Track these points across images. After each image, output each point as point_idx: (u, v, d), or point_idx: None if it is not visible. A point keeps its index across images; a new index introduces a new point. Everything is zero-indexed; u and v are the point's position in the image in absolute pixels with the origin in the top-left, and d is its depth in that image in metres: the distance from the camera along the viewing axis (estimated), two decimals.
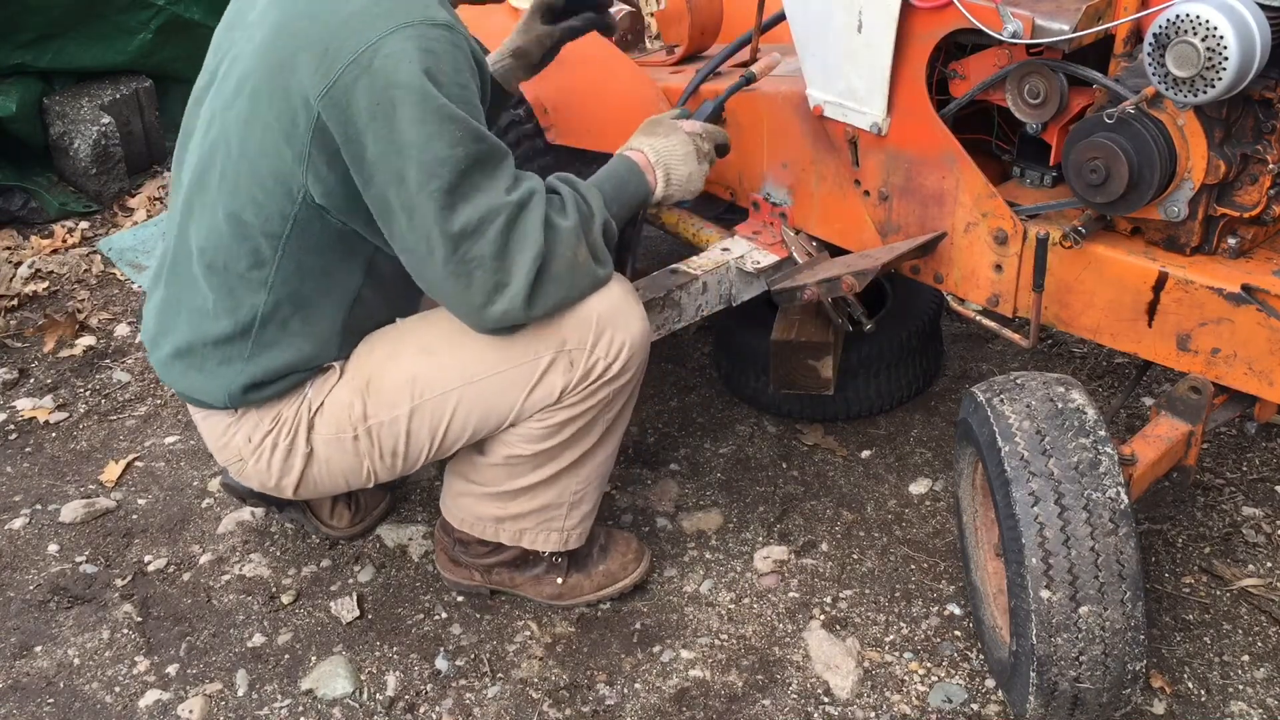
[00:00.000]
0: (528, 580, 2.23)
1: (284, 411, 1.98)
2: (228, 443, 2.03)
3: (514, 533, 2.14)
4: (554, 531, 2.14)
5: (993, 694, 2.05)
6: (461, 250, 1.75)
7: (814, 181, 2.35)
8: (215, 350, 1.94)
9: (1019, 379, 1.87)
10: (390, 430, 1.98)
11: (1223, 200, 1.87)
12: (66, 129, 3.79)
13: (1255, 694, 2.03)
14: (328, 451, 2.00)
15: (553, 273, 1.81)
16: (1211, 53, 1.64)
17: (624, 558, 2.26)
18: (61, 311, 3.28)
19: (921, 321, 2.70)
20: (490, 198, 1.75)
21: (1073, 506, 1.69)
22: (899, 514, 2.46)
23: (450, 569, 2.27)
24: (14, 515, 2.57)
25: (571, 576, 2.23)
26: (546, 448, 2.01)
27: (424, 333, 1.98)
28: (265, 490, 2.10)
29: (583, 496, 2.12)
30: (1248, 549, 2.33)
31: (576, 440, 2.02)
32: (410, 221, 1.75)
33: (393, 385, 1.95)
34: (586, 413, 1.98)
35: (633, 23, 2.91)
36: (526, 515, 2.12)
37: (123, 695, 2.14)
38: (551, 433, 1.99)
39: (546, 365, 1.91)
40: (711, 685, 2.10)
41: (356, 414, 1.97)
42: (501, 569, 2.22)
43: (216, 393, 1.96)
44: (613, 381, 1.97)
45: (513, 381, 1.93)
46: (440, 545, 2.27)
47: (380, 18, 1.72)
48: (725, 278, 2.43)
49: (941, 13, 1.95)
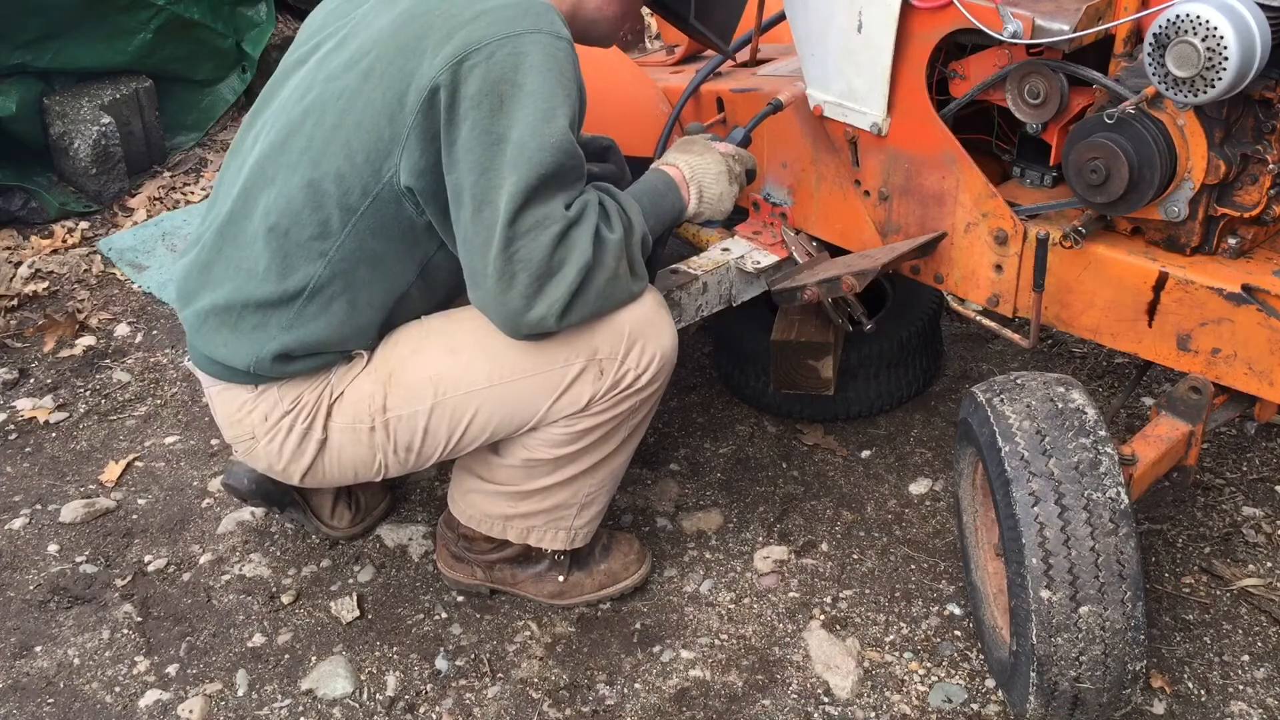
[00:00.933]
0: (529, 578, 2.23)
1: (305, 395, 1.98)
2: (243, 419, 2.01)
3: (521, 530, 2.14)
4: (561, 530, 2.14)
5: (993, 694, 2.05)
6: (513, 249, 1.76)
7: (814, 181, 2.35)
8: (254, 313, 1.92)
9: (1019, 379, 1.87)
10: (408, 425, 1.97)
11: (1223, 200, 1.87)
12: (66, 129, 3.79)
13: (1255, 694, 2.03)
14: (342, 440, 2.00)
15: (595, 285, 1.82)
16: (1211, 53, 1.64)
17: (626, 558, 2.26)
18: (61, 311, 3.28)
19: (921, 321, 2.70)
20: (554, 208, 1.78)
21: (1073, 506, 1.69)
22: (899, 514, 2.46)
23: (451, 566, 2.27)
24: (14, 515, 2.57)
25: (573, 575, 2.23)
26: (567, 452, 2.02)
27: (452, 330, 1.98)
28: (272, 473, 2.09)
29: (594, 498, 2.13)
30: (1248, 549, 2.33)
31: (598, 446, 2.03)
32: (478, 213, 1.77)
33: (416, 380, 1.95)
34: (611, 420, 1.99)
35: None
36: (536, 514, 2.12)
37: (123, 695, 2.14)
38: (574, 439, 2.00)
39: (576, 373, 1.92)
40: (711, 685, 2.10)
41: (376, 405, 1.97)
42: (504, 565, 2.22)
43: (244, 356, 1.93)
44: (640, 392, 1.98)
45: (540, 387, 1.93)
46: (442, 541, 2.27)
47: (515, 19, 1.77)
48: (725, 278, 2.43)
49: (941, 13, 1.95)
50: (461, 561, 2.26)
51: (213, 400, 2.08)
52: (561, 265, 1.79)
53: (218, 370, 2.00)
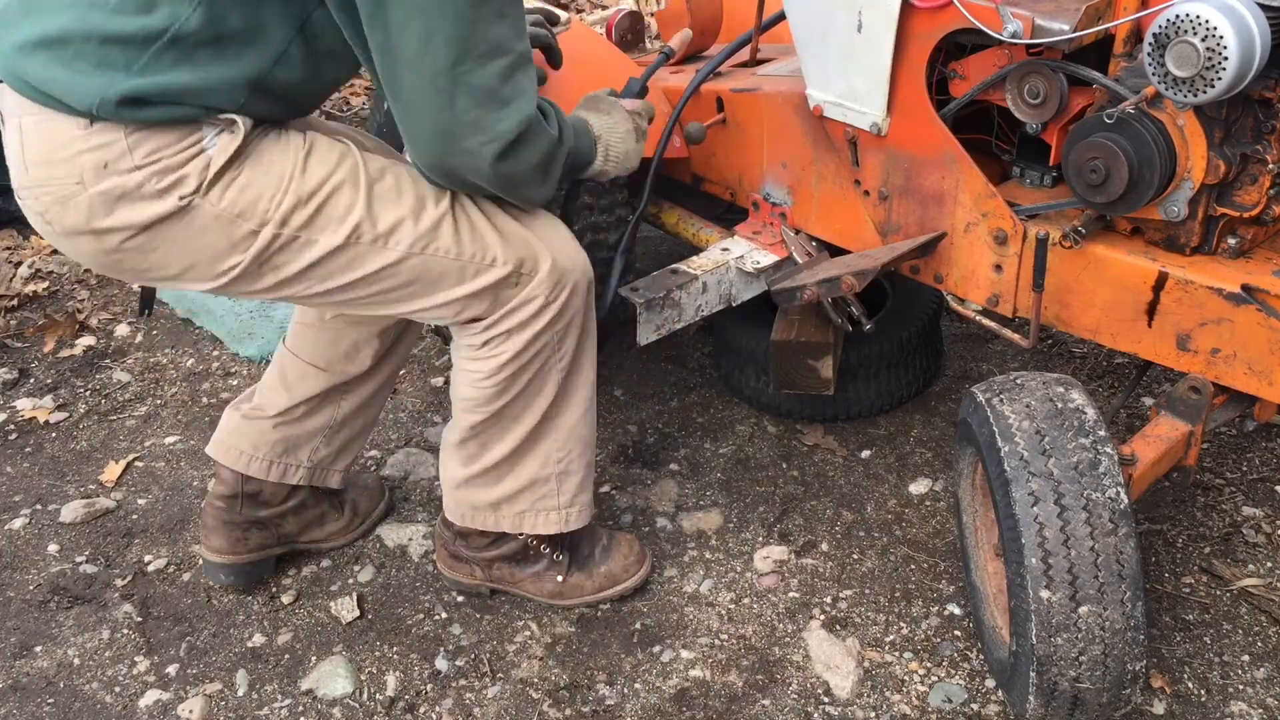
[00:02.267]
0: (528, 577, 2.23)
1: (165, 155, 1.72)
2: (71, 159, 1.71)
3: (513, 518, 2.14)
4: (551, 511, 2.13)
5: (993, 694, 2.05)
6: (461, 69, 1.64)
7: (814, 181, 2.35)
8: (98, 49, 1.66)
9: (1019, 379, 1.87)
10: (298, 250, 1.81)
11: (1223, 200, 1.87)
12: None
13: (1255, 694, 2.03)
14: (205, 223, 1.76)
15: (532, 149, 1.75)
16: (1211, 53, 1.64)
17: (626, 559, 2.26)
18: (61, 311, 3.28)
19: (921, 321, 2.70)
20: (509, 36, 1.67)
21: (1072, 506, 1.69)
22: (899, 514, 2.47)
23: (451, 566, 2.27)
24: (14, 515, 2.57)
25: (573, 575, 2.23)
26: (503, 404, 1.99)
27: (393, 180, 1.86)
28: (80, 232, 1.77)
29: (568, 466, 2.10)
30: (1248, 549, 2.33)
31: (531, 393, 2.00)
32: (409, 20, 1.61)
33: (335, 212, 1.80)
34: (529, 353, 1.95)
35: (633, 23, 2.91)
36: (519, 495, 2.11)
37: (123, 695, 2.14)
38: (500, 386, 1.97)
39: (495, 275, 1.88)
40: (711, 685, 2.10)
41: (277, 212, 1.77)
42: (502, 564, 2.22)
43: (81, 96, 1.67)
44: (550, 314, 1.93)
45: (456, 271, 1.86)
46: (441, 541, 2.27)
47: None
48: (725, 278, 2.43)
49: (941, 13, 1.95)
50: (461, 561, 2.25)
51: (24, 130, 1.74)
52: (509, 102, 1.69)
53: (40, 97, 1.71)
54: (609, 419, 2.77)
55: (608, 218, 2.48)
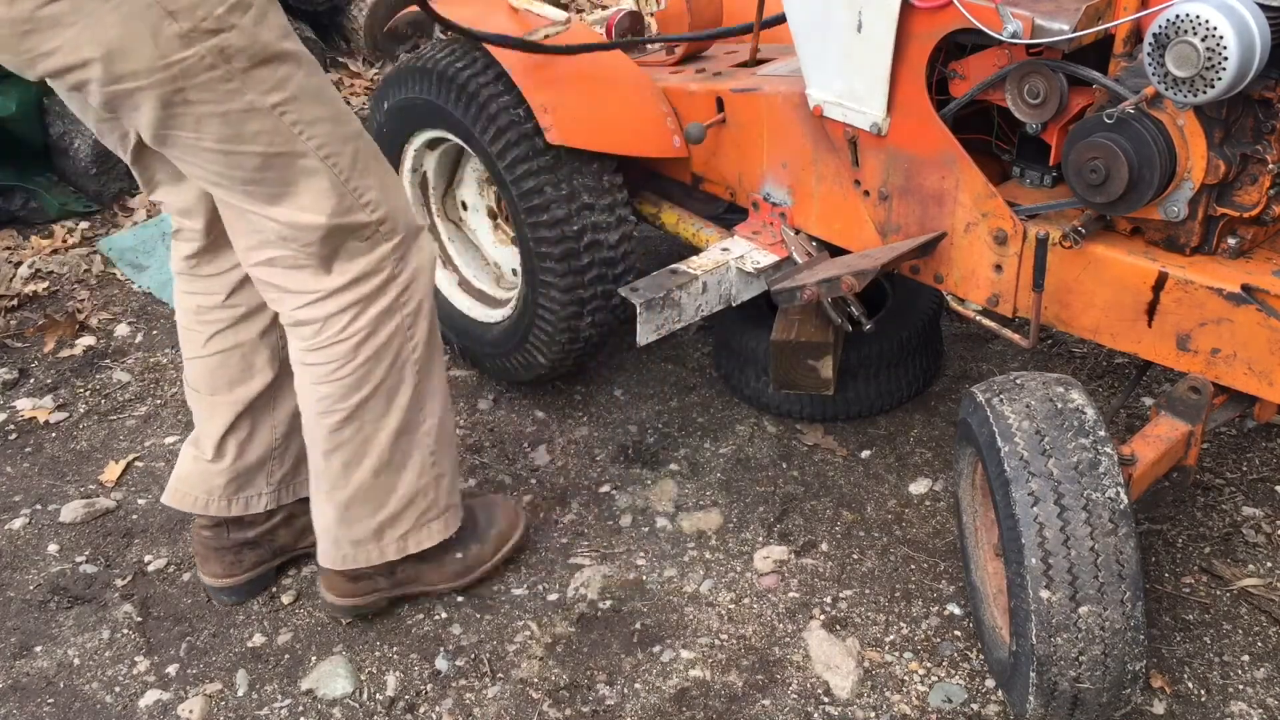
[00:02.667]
0: (431, 569, 2.21)
1: None
2: None
3: (397, 543, 2.09)
4: (433, 522, 2.11)
5: (993, 694, 2.05)
6: None
7: (814, 181, 2.35)
8: None
9: (1019, 379, 1.87)
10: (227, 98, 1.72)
11: (1223, 200, 1.87)
12: (66, 129, 3.79)
13: (1255, 694, 2.03)
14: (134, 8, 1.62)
15: None
16: (1211, 53, 1.64)
17: (507, 515, 2.31)
18: (61, 311, 3.28)
19: (921, 321, 2.70)
20: None
21: (1072, 506, 1.69)
22: (899, 514, 2.47)
23: (348, 592, 2.17)
24: (14, 515, 2.57)
25: (471, 549, 2.24)
26: (362, 398, 1.93)
27: (323, 83, 1.84)
28: None
29: (441, 468, 2.08)
30: (1248, 549, 2.33)
31: (390, 389, 1.95)
32: None
33: (277, 76, 1.74)
34: (380, 337, 1.91)
35: (633, 23, 2.91)
36: (401, 515, 2.07)
37: (123, 695, 2.14)
38: (356, 378, 1.91)
39: (359, 218, 1.85)
40: (711, 685, 2.10)
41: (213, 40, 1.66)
42: (404, 565, 2.17)
43: None
44: (396, 289, 1.90)
45: (335, 191, 1.82)
46: (329, 587, 2.17)
47: None
48: (725, 278, 2.43)
49: (941, 13, 1.95)
50: (360, 580, 2.16)
51: None
52: None
53: None
54: (609, 419, 2.77)
55: (608, 218, 2.48)
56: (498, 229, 2.86)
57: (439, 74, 2.50)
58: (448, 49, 2.53)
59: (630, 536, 2.43)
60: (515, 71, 2.40)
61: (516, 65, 2.41)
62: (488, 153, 2.45)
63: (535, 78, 2.40)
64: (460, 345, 2.88)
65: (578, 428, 2.75)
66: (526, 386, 2.85)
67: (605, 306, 2.55)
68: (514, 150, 2.41)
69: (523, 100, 2.41)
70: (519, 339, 2.64)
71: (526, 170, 2.41)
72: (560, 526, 2.47)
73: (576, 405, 2.82)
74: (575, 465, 2.64)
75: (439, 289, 2.88)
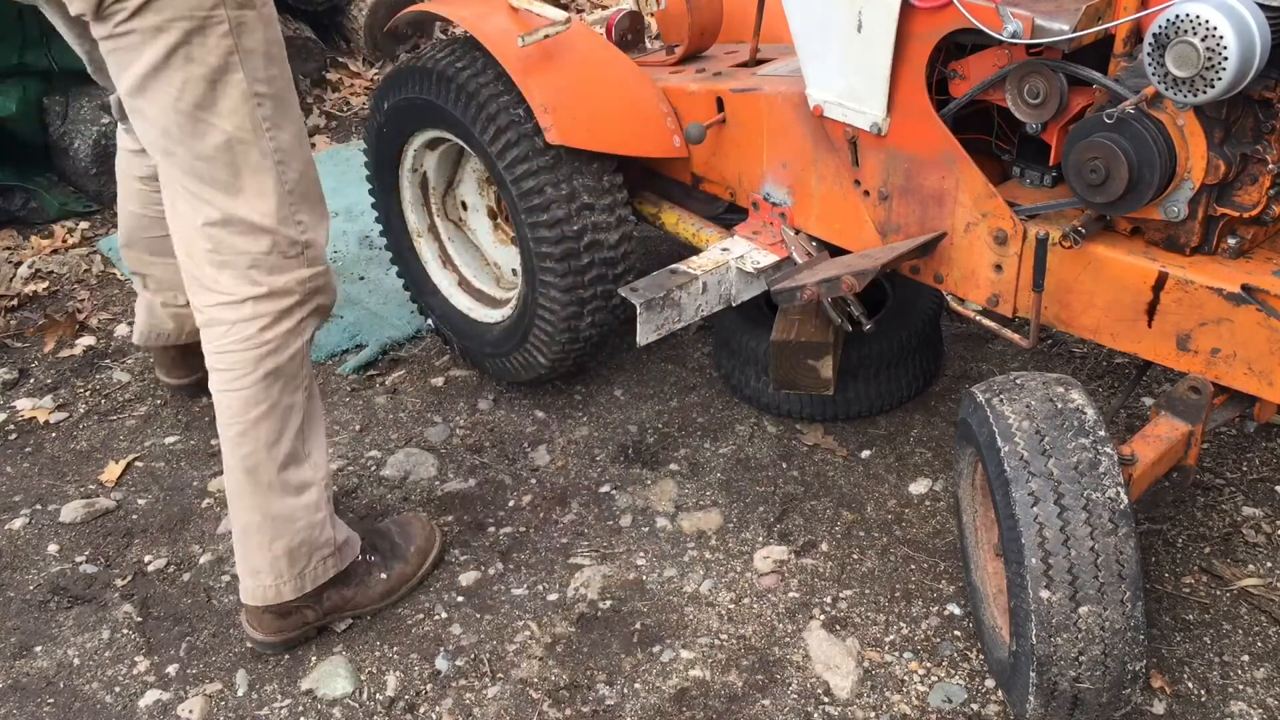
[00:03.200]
0: (356, 592, 2.22)
1: None
2: None
3: (296, 582, 2.11)
4: (329, 557, 2.14)
5: (993, 694, 2.05)
6: None
7: (814, 181, 2.35)
8: None
9: (1019, 379, 1.88)
10: (223, 74, 1.83)
11: (1223, 200, 1.87)
12: (66, 129, 3.79)
13: (1255, 694, 2.03)
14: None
15: None
16: (1211, 53, 1.64)
17: (422, 529, 2.35)
18: (61, 311, 3.28)
19: (921, 321, 2.70)
20: None
21: (1072, 506, 1.69)
22: (899, 514, 2.47)
23: (277, 629, 2.16)
24: (14, 515, 2.57)
25: (393, 567, 2.27)
26: (257, 414, 1.99)
27: (294, 110, 1.96)
28: None
29: (330, 511, 2.12)
30: (1248, 549, 2.33)
31: (281, 412, 2.01)
32: None
33: (261, 72, 1.86)
34: (285, 353, 1.98)
35: (633, 23, 2.91)
36: (298, 550, 2.09)
37: (123, 695, 2.14)
38: (253, 396, 1.97)
39: (291, 234, 1.94)
40: (711, 685, 2.10)
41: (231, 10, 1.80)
42: (331, 590, 2.18)
43: None
44: (300, 315, 1.98)
45: (278, 201, 1.91)
46: (257, 625, 2.17)
47: None
48: (725, 278, 2.43)
49: (941, 13, 1.95)
50: (287, 615, 2.16)
51: None
52: None
53: None
54: (609, 419, 2.77)
55: (608, 218, 2.48)
56: (498, 229, 2.86)
57: (439, 74, 2.50)
58: (448, 49, 2.54)
59: (630, 536, 2.43)
60: (515, 71, 2.40)
61: (516, 65, 2.41)
62: (488, 153, 2.45)
63: (535, 78, 2.40)
64: (460, 345, 2.88)
65: (578, 428, 2.75)
66: (526, 386, 2.85)
67: (605, 306, 2.55)
68: (514, 150, 2.41)
69: (523, 100, 2.41)
70: (519, 339, 2.64)
71: (526, 170, 2.41)
72: (560, 526, 2.47)
73: (576, 405, 2.82)
74: (575, 465, 2.64)
75: (440, 288, 2.88)
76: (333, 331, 3.10)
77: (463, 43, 2.53)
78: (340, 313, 3.18)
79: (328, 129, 4.46)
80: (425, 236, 2.89)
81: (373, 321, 3.15)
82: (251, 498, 2.05)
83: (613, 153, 2.47)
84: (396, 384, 2.93)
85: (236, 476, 2.05)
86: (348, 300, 3.24)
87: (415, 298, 2.99)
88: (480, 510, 2.52)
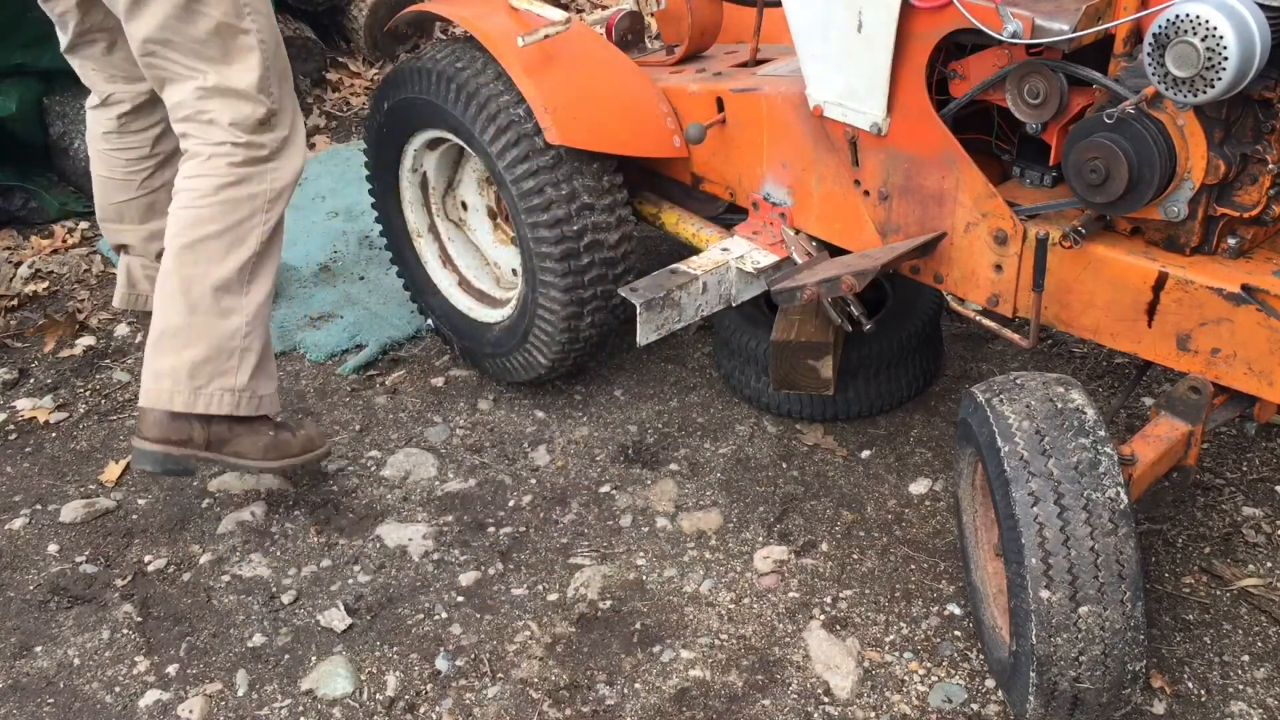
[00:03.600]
0: (245, 432, 2.35)
1: None
2: None
3: (190, 393, 2.26)
4: (226, 392, 2.29)
5: (993, 694, 2.05)
6: None
7: (814, 181, 2.35)
8: None
9: (1019, 379, 1.88)
10: None
11: (1223, 200, 1.87)
12: (66, 129, 3.79)
13: (1255, 694, 2.03)
14: None
15: None
16: (1211, 53, 1.64)
17: (317, 432, 2.50)
18: (61, 311, 3.28)
19: (921, 321, 2.70)
20: None
21: (1072, 506, 1.69)
22: (899, 514, 2.47)
23: (165, 430, 2.29)
24: (14, 515, 2.57)
25: (280, 432, 2.41)
26: (210, 231, 2.24)
27: None
28: None
29: (250, 343, 2.30)
30: (1248, 549, 2.33)
31: (235, 238, 2.26)
32: None
33: None
34: (244, 189, 2.27)
35: (633, 23, 2.91)
36: (203, 364, 2.25)
37: (123, 695, 2.14)
38: (212, 210, 2.24)
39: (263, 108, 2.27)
40: (711, 685, 2.10)
41: None
42: (219, 421, 2.32)
43: None
44: (268, 168, 2.30)
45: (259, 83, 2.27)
46: (145, 428, 2.30)
47: None
48: (725, 278, 2.43)
49: (941, 13, 1.95)
50: (178, 420, 2.29)
51: None
52: None
53: None
54: (609, 419, 2.77)
55: (608, 218, 2.48)
56: (498, 229, 2.86)
57: (439, 74, 2.50)
58: (448, 49, 2.54)
59: (630, 536, 2.43)
60: (515, 71, 2.40)
61: (516, 65, 2.41)
62: (488, 153, 2.45)
63: (535, 78, 2.40)
64: (460, 345, 2.88)
65: (578, 428, 2.75)
66: (526, 386, 2.85)
67: (605, 306, 2.55)
68: (514, 150, 2.41)
69: (523, 100, 2.41)
70: (519, 339, 2.64)
71: (526, 170, 2.41)
72: (560, 526, 2.47)
73: (576, 405, 2.82)
74: (575, 465, 2.64)
75: (440, 288, 2.88)
76: (333, 331, 3.10)
77: (463, 43, 2.53)
78: (340, 313, 3.18)
79: (328, 129, 4.45)
80: (425, 236, 2.90)
81: (373, 321, 3.14)
82: (178, 304, 2.25)
83: (613, 153, 2.47)
84: (396, 384, 2.93)
85: (172, 283, 2.26)
86: (348, 300, 3.24)
87: (415, 298, 2.99)
88: (480, 510, 2.52)
